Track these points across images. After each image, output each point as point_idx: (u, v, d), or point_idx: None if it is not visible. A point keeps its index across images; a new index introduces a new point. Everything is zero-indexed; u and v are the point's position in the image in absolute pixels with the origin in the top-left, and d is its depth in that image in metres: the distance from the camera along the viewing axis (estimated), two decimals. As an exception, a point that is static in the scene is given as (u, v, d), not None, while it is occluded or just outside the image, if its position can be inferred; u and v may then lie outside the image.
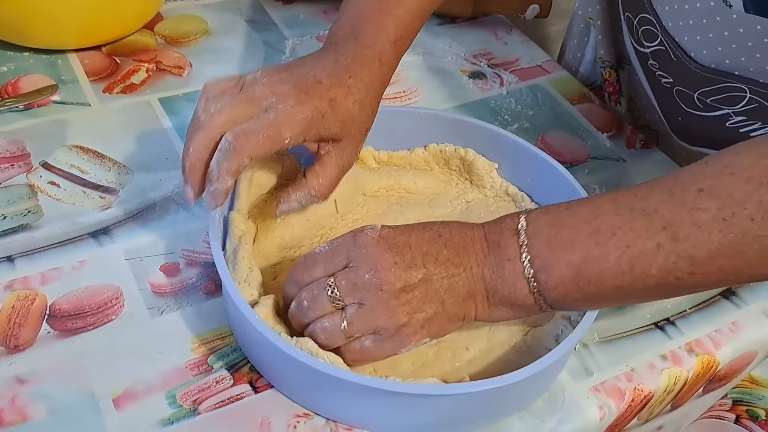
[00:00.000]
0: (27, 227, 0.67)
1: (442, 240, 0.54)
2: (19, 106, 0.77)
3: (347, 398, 0.55)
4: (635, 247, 0.50)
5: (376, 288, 0.52)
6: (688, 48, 0.75)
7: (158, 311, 0.62)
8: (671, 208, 0.49)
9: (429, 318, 0.53)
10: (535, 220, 0.53)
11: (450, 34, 0.98)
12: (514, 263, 0.52)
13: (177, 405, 0.56)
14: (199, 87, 0.82)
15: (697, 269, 0.49)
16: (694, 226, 0.48)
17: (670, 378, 0.64)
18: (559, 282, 0.52)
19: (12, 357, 0.57)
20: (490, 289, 0.53)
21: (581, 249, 0.51)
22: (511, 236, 0.53)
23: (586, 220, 0.52)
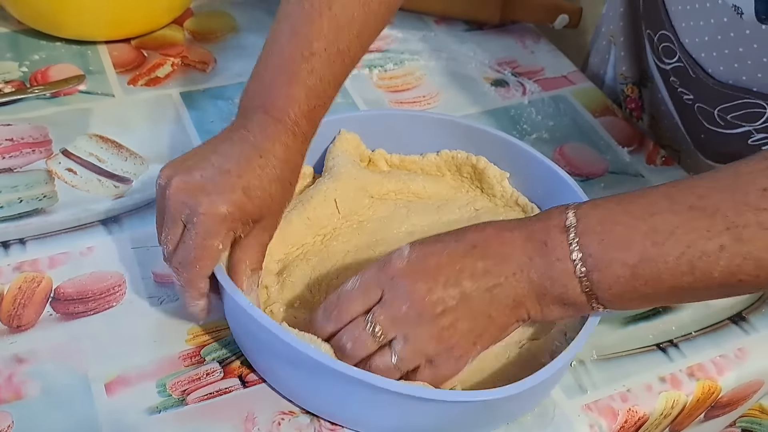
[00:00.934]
0: (41, 211, 0.69)
1: (477, 251, 0.52)
2: (46, 94, 0.80)
3: (333, 391, 0.55)
4: (696, 248, 0.48)
5: (416, 319, 0.51)
6: (705, 65, 0.74)
7: (158, 300, 0.63)
8: (734, 208, 0.47)
9: (479, 334, 0.53)
10: (585, 216, 0.51)
11: (476, 41, 0.98)
12: (564, 263, 0.51)
13: (166, 394, 0.57)
14: (222, 83, 0.85)
15: (763, 272, 0.48)
16: (759, 228, 0.47)
17: (667, 401, 0.62)
18: (614, 282, 0.50)
19: (13, 336, 0.59)
20: (540, 291, 0.52)
21: (637, 248, 0.49)
22: (559, 234, 0.51)
23: (641, 218, 0.50)
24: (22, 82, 0.81)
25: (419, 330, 0.52)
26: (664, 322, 0.67)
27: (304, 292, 0.62)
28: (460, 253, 0.52)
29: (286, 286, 0.62)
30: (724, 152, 0.80)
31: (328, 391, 0.55)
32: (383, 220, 0.69)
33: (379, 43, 0.95)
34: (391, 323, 0.52)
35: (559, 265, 0.51)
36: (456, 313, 0.52)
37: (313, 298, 0.62)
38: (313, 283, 0.63)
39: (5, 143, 0.74)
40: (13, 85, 0.81)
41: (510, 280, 0.52)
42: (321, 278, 0.63)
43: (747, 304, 0.70)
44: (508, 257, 0.52)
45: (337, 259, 0.65)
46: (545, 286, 0.52)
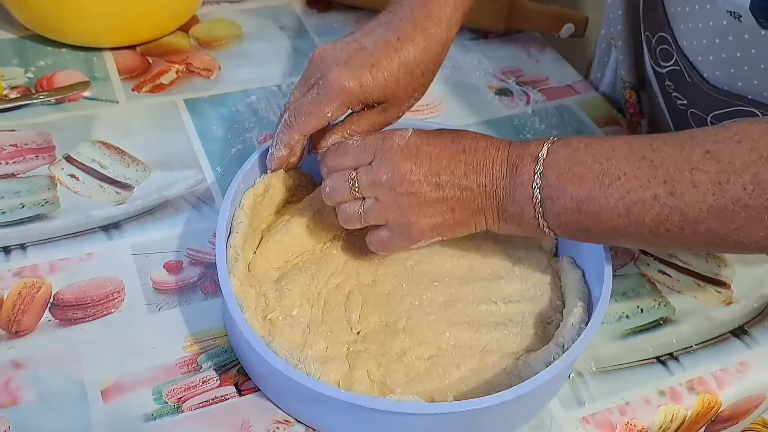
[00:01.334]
0: (43, 217, 0.69)
1: (465, 156, 0.58)
2: (51, 100, 0.80)
3: (325, 410, 0.55)
4: (634, 194, 0.53)
5: (390, 188, 0.58)
6: (701, 69, 0.73)
7: (156, 307, 0.63)
8: (676, 164, 0.52)
9: (438, 223, 0.59)
10: (555, 152, 0.56)
11: (481, 50, 0.97)
12: (525, 188, 0.57)
13: (162, 401, 0.57)
14: (226, 90, 0.85)
15: (687, 226, 0.52)
16: (691, 185, 0.51)
17: (666, 415, 0.62)
18: (561, 212, 0.56)
19: (12, 342, 0.60)
20: (501, 207, 0.58)
21: (586, 186, 0.55)
22: (530, 163, 0.57)
23: (598, 161, 0.55)
24: (28, 87, 0.82)
25: (389, 198, 0.59)
26: (664, 334, 0.67)
27: (302, 301, 0.62)
28: (450, 152, 0.59)
29: (284, 294, 0.62)
30: None
31: (317, 409, 0.56)
32: None
33: (384, 52, 0.95)
34: (369, 185, 0.59)
35: (521, 189, 0.57)
36: (425, 198, 0.58)
37: (311, 308, 0.62)
38: (311, 293, 0.63)
39: (9, 149, 0.75)
40: (18, 91, 0.81)
41: (481, 189, 0.58)
42: (319, 287, 0.63)
43: (749, 318, 0.69)
44: (486, 170, 0.58)
45: (336, 268, 0.65)
46: (506, 204, 0.58)
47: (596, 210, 0.55)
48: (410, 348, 0.60)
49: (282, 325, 0.59)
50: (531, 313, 0.63)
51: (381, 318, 0.62)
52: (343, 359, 0.59)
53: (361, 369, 0.58)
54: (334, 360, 0.58)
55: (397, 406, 0.52)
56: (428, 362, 0.60)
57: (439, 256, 0.67)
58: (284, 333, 0.59)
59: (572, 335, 0.58)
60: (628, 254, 0.73)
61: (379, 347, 0.60)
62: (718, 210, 0.51)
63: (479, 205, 0.58)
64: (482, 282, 0.65)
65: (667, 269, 0.73)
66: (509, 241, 0.69)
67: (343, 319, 0.62)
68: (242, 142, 0.79)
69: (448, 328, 0.61)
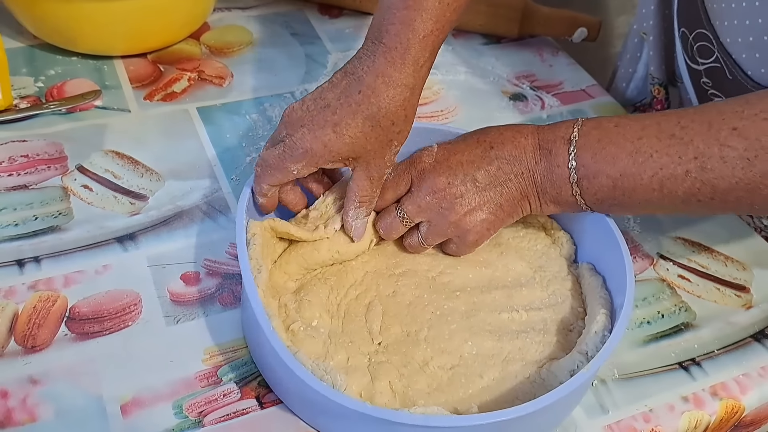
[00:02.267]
0: (56, 229, 0.68)
1: (494, 152, 0.62)
2: (62, 110, 0.80)
3: (350, 423, 0.55)
4: (667, 170, 0.57)
5: (436, 208, 0.63)
6: (745, 66, 0.72)
7: (174, 320, 0.63)
8: (705, 141, 0.56)
9: (492, 221, 0.63)
10: (587, 133, 0.60)
11: (494, 55, 0.97)
12: (562, 169, 0.61)
13: (183, 416, 0.57)
14: (239, 98, 0.85)
15: (717, 197, 0.57)
16: (721, 161, 0.55)
17: (690, 421, 0.61)
18: (597, 190, 0.60)
19: (28, 357, 0.59)
20: (541, 190, 0.62)
21: (621, 165, 0.59)
22: (563, 145, 0.61)
23: (630, 140, 0.59)
24: (38, 97, 0.81)
25: (439, 217, 0.63)
26: (685, 339, 0.67)
27: (321, 312, 0.61)
28: (479, 153, 0.63)
29: (303, 305, 0.61)
30: None
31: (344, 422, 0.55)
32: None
33: (396, 57, 0.94)
34: (416, 212, 0.63)
35: (558, 170, 0.61)
36: (470, 204, 0.62)
37: (330, 319, 0.61)
38: (331, 304, 0.62)
39: (21, 159, 0.74)
40: (28, 101, 0.81)
41: (518, 177, 0.62)
42: (339, 299, 0.63)
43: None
44: (519, 159, 0.62)
45: (356, 279, 0.64)
46: (545, 187, 0.62)
47: (631, 186, 0.59)
48: (432, 358, 0.59)
49: (303, 336, 0.59)
50: (553, 321, 0.63)
51: (402, 328, 0.61)
52: (364, 370, 0.58)
53: (383, 380, 0.57)
54: (356, 371, 0.57)
55: (424, 420, 0.52)
56: (450, 372, 0.59)
57: (461, 267, 0.66)
58: (306, 344, 0.58)
59: (596, 343, 0.58)
60: (647, 260, 0.73)
61: (400, 358, 0.59)
62: (747, 182, 0.55)
63: (521, 192, 0.62)
64: (503, 290, 0.65)
65: (686, 274, 0.72)
66: (529, 249, 0.68)
67: (363, 330, 0.61)
68: (256, 150, 0.78)
69: (470, 337, 0.61)
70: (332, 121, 0.59)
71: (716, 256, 0.74)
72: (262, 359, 0.59)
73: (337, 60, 0.92)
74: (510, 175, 0.62)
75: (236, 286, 0.66)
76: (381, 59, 0.59)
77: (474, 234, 0.64)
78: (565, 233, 0.69)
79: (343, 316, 0.62)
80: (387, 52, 0.59)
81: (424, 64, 0.60)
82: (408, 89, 0.59)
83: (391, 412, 0.52)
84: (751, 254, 0.75)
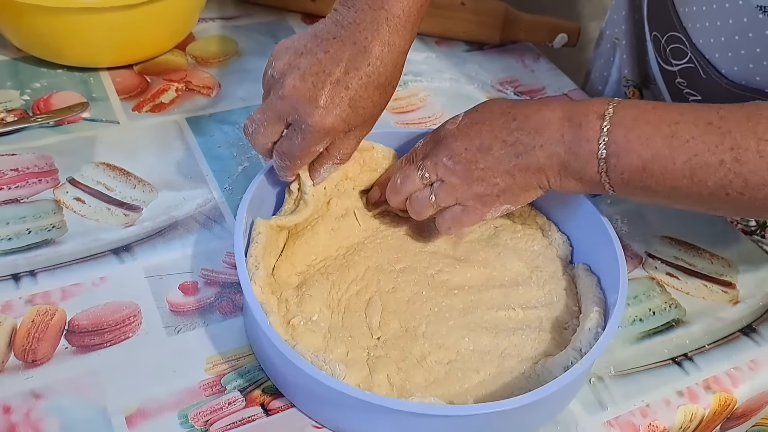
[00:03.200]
0: (51, 242, 0.68)
1: (516, 123, 0.62)
2: (49, 122, 0.79)
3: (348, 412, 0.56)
4: (701, 158, 0.56)
5: (451, 168, 0.63)
6: (718, 65, 0.74)
7: (175, 330, 0.63)
8: (743, 133, 0.55)
9: (502, 189, 0.63)
10: (622, 111, 0.59)
11: (477, 61, 0.98)
12: (591, 144, 0.59)
13: (189, 425, 0.57)
14: (228, 107, 0.85)
15: (747, 192, 0.56)
16: (757, 155, 0.55)
17: (686, 415, 0.63)
18: (626, 169, 0.59)
19: (29, 371, 0.58)
20: (563, 164, 0.61)
21: (654, 146, 0.58)
22: (596, 120, 0.59)
23: (667, 123, 0.58)
24: (25, 110, 0.81)
25: (454, 177, 0.63)
26: (677, 335, 0.68)
27: (322, 307, 0.62)
28: (500, 123, 0.63)
29: (305, 300, 0.62)
30: None
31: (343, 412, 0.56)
32: (407, 238, 0.70)
33: (381, 65, 0.95)
34: (433, 169, 0.64)
35: (586, 145, 0.59)
36: (485, 170, 0.62)
37: (331, 313, 0.62)
38: (332, 299, 0.63)
39: (10, 173, 0.73)
40: (15, 114, 0.80)
41: (536, 150, 0.61)
42: (340, 294, 0.64)
43: (756, 316, 0.71)
44: (541, 131, 0.61)
45: (357, 275, 0.65)
46: (569, 160, 0.60)
47: (661, 170, 0.58)
48: (430, 353, 0.61)
49: (303, 330, 0.60)
50: (548, 319, 0.64)
51: (401, 324, 0.62)
52: (363, 364, 0.59)
53: (381, 373, 0.58)
54: (355, 364, 0.59)
55: (421, 408, 0.53)
56: (448, 367, 0.60)
57: (460, 266, 0.67)
58: (305, 338, 0.59)
59: (590, 339, 0.59)
60: (636, 259, 0.74)
61: (399, 352, 0.60)
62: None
63: (538, 165, 0.61)
64: (500, 289, 0.66)
65: (674, 272, 0.74)
66: (526, 250, 0.69)
67: (363, 325, 0.62)
68: (248, 160, 0.78)
69: (467, 333, 0.62)
70: (347, 96, 0.60)
71: (702, 254, 0.76)
72: (263, 354, 0.60)
73: (323, 69, 0.92)
74: (528, 147, 0.61)
75: (235, 295, 0.66)
76: (385, 27, 0.61)
77: (483, 201, 0.64)
78: (562, 235, 0.70)
79: (343, 311, 0.63)
80: (390, 20, 0.61)
81: (414, 29, 0.63)
82: (404, 54, 0.63)
83: (387, 399, 0.53)
84: (735, 252, 0.77)
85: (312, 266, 0.66)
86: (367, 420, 0.56)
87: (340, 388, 0.53)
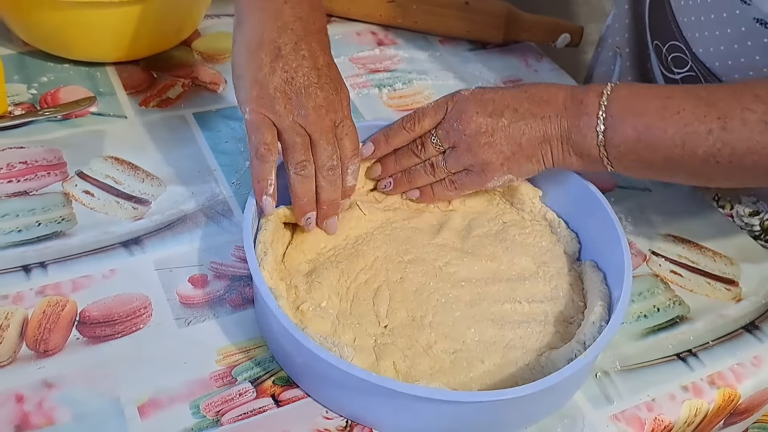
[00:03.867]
0: (61, 234, 0.68)
1: (527, 95, 0.66)
2: (57, 116, 0.79)
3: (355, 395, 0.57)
4: (691, 127, 0.60)
5: (461, 134, 0.66)
6: (719, 73, 0.76)
7: (185, 322, 0.63)
8: (729, 104, 0.60)
9: (508, 156, 0.66)
10: (619, 89, 0.64)
11: (481, 60, 0.99)
12: (590, 117, 0.63)
13: (200, 415, 0.57)
14: (234, 103, 0.84)
15: (735, 159, 0.60)
16: (741, 122, 0.59)
17: (690, 409, 0.64)
18: (622, 140, 0.63)
19: (41, 361, 0.59)
20: (566, 136, 0.64)
21: (647, 118, 0.62)
22: (595, 97, 0.64)
23: (659, 97, 0.62)
24: (32, 104, 0.81)
25: (463, 144, 0.66)
26: (681, 332, 0.69)
27: (331, 294, 0.63)
28: (512, 94, 0.67)
29: (314, 287, 0.63)
30: None
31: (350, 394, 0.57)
32: (416, 230, 0.70)
33: (387, 63, 0.96)
34: (444, 136, 0.67)
35: (586, 118, 0.64)
36: (494, 136, 0.65)
37: (339, 301, 0.63)
38: (341, 287, 0.64)
39: (19, 166, 0.73)
40: (23, 108, 0.80)
41: (545, 120, 0.65)
42: (349, 282, 0.65)
43: (759, 314, 0.72)
44: (550, 103, 0.65)
45: (366, 264, 0.66)
46: (571, 132, 0.64)
47: (654, 141, 0.61)
48: (436, 342, 0.61)
49: (312, 315, 0.61)
50: (553, 313, 0.65)
51: (408, 313, 0.63)
52: (370, 350, 0.60)
53: (387, 360, 0.59)
54: (362, 351, 0.60)
55: (426, 392, 0.54)
56: (453, 356, 0.61)
57: (468, 259, 0.68)
58: (314, 323, 0.60)
59: (593, 333, 0.60)
60: (640, 256, 0.75)
61: (405, 341, 0.61)
62: (764, 145, 0.58)
63: (544, 134, 0.65)
64: (507, 283, 0.67)
65: (678, 269, 0.75)
66: (534, 245, 0.70)
67: (371, 313, 0.63)
68: (256, 155, 0.79)
69: (474, 324, 0.63)
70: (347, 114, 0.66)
71: (705, 252, 0.77)
72: (273, 339, 0.61)
73: (328, 66, 0.93)
74: (537, 116, 0.65)
75: (244, 288, 0.66)
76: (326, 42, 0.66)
77: (489, 167, 0.66)
78: (570, 232, 0.71)
79: (351, 299, 0.63)
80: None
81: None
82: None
83: (392, 381, 0.54)
84: (738, 250, 0.78)
85: (321, 254, 0.67)
86: (373, 404, 0.57)
87: (348, 369, 0.53)
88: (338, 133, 0.64)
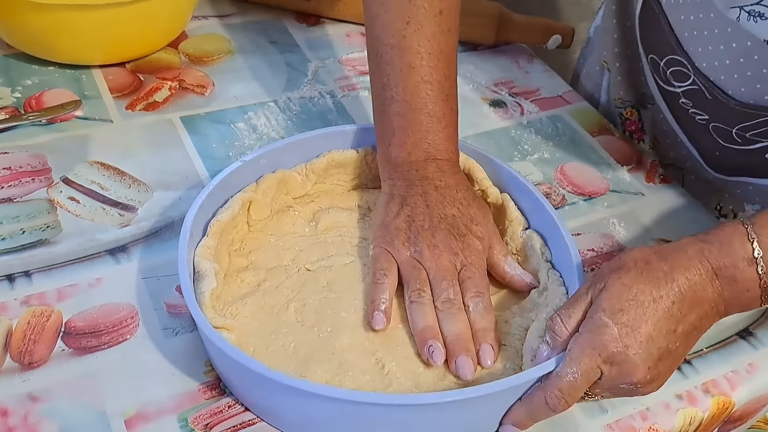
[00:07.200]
0: (45, 242, 0.67)
1: (676, 307, 0.55)
2: (42, 120, 0.78)
3: (281, 399, 0.55)
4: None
5: (629, 384, 0.56)
6: (724, 87, 0.75)
7: (173, 332, 0.62)
8: None
9: (671, 373, 0.59)
10: (759, 223, 0.56)
11: (472, 62, 0.98)
12: (753, 292, 0.57)
13: (189, 428, 0.56)
14: (222, 106, 0.84)
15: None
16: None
17: (685, 418, 0.63)
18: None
19: (25, 374, 0.57)
20: (727, 314, 0.59)
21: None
22: (748, 267, 0.56)
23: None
24: (16, 108, 0.79)
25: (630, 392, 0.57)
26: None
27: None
28: (665, 319, 0.55)
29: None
30: (739, 166, 0.82)
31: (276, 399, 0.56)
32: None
33: (377, 65, 0.95)
34: (611, 392, 0.57)
35: (747, 294, 0.57)
36: (660, 369, 0.56)
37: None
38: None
39: (3, 172, 0.72)
40: (6, 112, 0.78)
41: (704, 320, 0.58)
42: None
43: (752, 320, 0.71)
44: (701, 301, 0.57)
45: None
46: (731, 311, 0.59)
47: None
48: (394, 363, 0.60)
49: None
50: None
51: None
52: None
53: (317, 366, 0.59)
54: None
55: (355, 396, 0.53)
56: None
57: None
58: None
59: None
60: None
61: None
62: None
63: (702, 332, 0.59)
64: None
65: (671, 275, 0.74)
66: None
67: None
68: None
69: None
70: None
71: (698, 256, 0.76)
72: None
73: (318, 68, 0.92)
74: (695, 323, 0.57)
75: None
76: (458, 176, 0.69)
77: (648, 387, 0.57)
78: None
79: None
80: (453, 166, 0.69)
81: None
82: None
83: (325, 388, 0.54)
84: (731, 254, 0.77)
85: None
86: (301, 408, 0.56)
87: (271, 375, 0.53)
88: (461, 275, 0.64)
